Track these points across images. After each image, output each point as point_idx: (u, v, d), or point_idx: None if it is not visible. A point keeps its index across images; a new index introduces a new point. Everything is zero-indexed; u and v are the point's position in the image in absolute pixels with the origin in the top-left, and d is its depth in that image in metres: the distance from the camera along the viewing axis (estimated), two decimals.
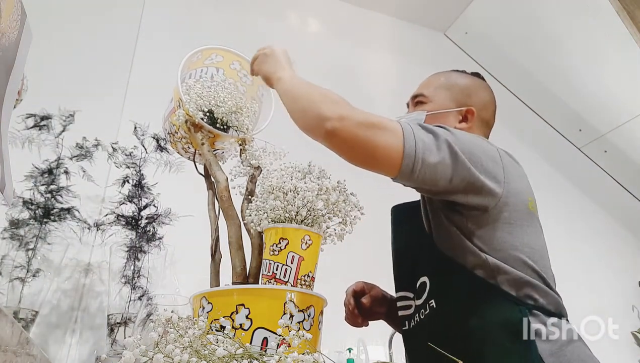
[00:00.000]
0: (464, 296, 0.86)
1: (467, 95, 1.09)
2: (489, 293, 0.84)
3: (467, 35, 3.10)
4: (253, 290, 0.89)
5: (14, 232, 1.38)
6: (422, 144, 0.82)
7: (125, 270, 1.49)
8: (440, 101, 1.08)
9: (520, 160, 1.01)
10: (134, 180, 1.62)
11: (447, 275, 0.89)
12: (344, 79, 2.60)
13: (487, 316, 0.82)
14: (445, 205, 0.91)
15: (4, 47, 0.73)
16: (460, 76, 1.13)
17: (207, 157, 1.09)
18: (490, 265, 0.84)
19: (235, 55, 1.30)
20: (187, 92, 1.12)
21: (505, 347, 0.79)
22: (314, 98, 0.87)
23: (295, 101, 0.92)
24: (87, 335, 1.56)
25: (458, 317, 0.86)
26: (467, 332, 0.83)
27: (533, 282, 0.84)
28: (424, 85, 1.13)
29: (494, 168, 0.88)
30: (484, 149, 0.91)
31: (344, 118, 0.81)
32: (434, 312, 0.89)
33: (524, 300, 0.83)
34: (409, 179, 0.84)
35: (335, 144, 0.83)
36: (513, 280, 0.84)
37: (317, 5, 2.89)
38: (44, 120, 1.54)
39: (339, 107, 0.83)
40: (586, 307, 1.54)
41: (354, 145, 0.81)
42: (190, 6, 2.45)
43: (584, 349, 0.83)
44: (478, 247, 0.86)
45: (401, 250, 1.05)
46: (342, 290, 1.13)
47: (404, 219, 1.06)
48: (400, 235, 1.06)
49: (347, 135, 0.81)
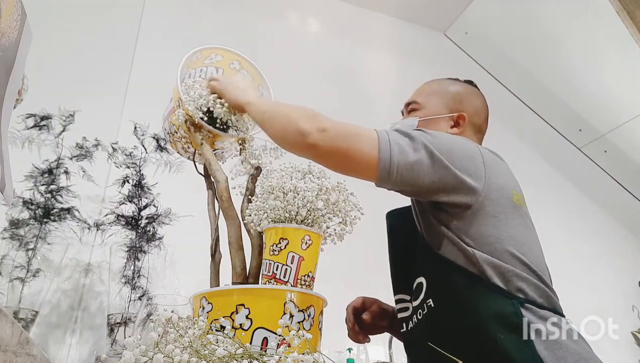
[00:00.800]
0: (458, 293, 0.86)
1: (459, 101, 1.11)
2: (481, 289, 0.84)
3: (467, 35, 3.10)
4: (253, 290, 0.89)
5: (14, 232, 1.38)
6: (397, 146, 0.86)
7: (125, 270, 1.49)
8: (433, 108, 1.10)
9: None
10: (134, 180, 1.62)
11: (441, 273, 0.90)
12: (344, 79, 2.60)
13: (482, 311, 0.83)
14: (431, 205, 0.93)
15: (4, 47, 0.73)
16: (452, 83, 1.16)
17: (207, 157, 1.09)
18: (479, 260, 0.85)
19: (234, 55, 1.29)
20: (187, 91, 1.12)
21: (500, 341, 0.79)
22: (291, 116, 0.91)
23: (273, 121, 0.97)
24: (87, 335, 1.56)
25: (454, 314, 0.86)
26: (463, 329, 0.84)
27: (522, 275, 0.85)
28: (417, 93, 1.17)
29: (473, 164, 0.90)
30: (461, 146, 0.93)
31: (323, 130, 0.86)
32: (431, 311, 0.89)
33: (515, 294, 0.83)
34: (387, 182, 0.87)
35: (318, 155, 0.88)
36: (502, 274, 0.84)
37: (317, 5, 2.89)
38: (44, 120, 1.54)
39: (317, 121, 0.88)
40: (586, 307, 1.54)
41: (334, 155, 0.87)
42: (190, 6, 2.45)
43: (582, 345, 0.83)
44: (466, 243, 0.87)
45: (397, 253, 1.06)
46: (342, 290, 1.13)
47: (398, 224, 1.07)
48: (396, 239, 1.07)
49: (328, 147, 0.86)
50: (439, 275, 0.90)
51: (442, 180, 0.87)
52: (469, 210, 0.88)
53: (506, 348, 0.78)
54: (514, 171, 1.00)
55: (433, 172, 0.86)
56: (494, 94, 1.12)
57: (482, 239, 0.87)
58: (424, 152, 0.86)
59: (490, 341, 0.80)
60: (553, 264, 0.93)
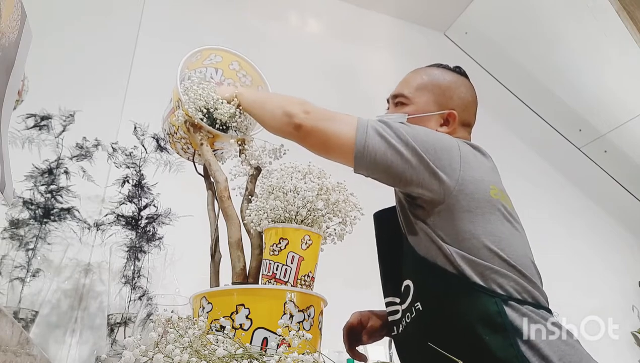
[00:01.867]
0: (442, 296, 0.86)
1: (449, 97, 1.08)
2: (463, 290, 0.84)
3: (467, 35, 3.10)
4: (253, 290, 0.89)
5: (14, 232, 1.38)
6: (373, 131, 0.89)
7: (125, 270, 1.49)
8: (421, 104, 1.08)
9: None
10: (134, 180, 1.62)
11: (425, 275, 0.90)
12: (344, 79, 2.60)
13: (466, 313, 0.82)
14: (408, 202, 0.94)
15: (4, 47, 0.73)
16: (442, 74, 1.12)
17: (207, 158, 1.09)
18: (456, 258, 0.85)
19: (234, 56, 1.29)
20: (186, 92, 1.12)
21: (486, 342, 0.79)
22: (280, 101, 1.00)
23: (264, 106, 1.06)
24: (87, 335, 1.56)
25: (440, 317, 0.86)
26: (450, 332, 0.83)
27: (500, 271, 0.84)
28: (404, 84, 1.13)
29: (448, 157, 0.90)
30: (437, 138, 0.93)
31: (307, 112, 0.94)
32: (419, 314, 0.89)
33: (496, 291, 0.83)
34: (362, 165, 0.90)
35: (302, 135, 0.94)
36: (479, 271, 0.84)
37: (317, 5, 2.89)
38: (44, 120, 1.54)
39: (303, 105, 0.95)
40: (586, 307, 1.54)
41: (315, 135, 0.93)
42: (190, 6, 2.45)
43: (569, 341, 0.82)
44: (443, 240, 0.87)
45: (385, 256, 1.05)
46: (342, 290, 1.13)
47: (385, 225, 1.06)
48: (383, 241, 1.06)
49: (310, 126, 0.93)
50: (423, 279, 0.90)
51: (415, 169, 0.87)
52: (444, 205, 0.88)
53: (491, 349, 0.78)
54: (513, 171, 1.00)
55: (406, 160, 0.87)
56: (494, 94, 1.12)
57: (458, 235, 0.87)
58: (399, 139, 0.88)
59: (477, 342, 0.79)
60: (553, 264, 0.93)
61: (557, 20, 2.69)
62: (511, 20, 2.88)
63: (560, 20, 2.68)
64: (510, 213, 0.94)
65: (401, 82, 1.14)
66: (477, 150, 0.98)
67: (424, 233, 0.89)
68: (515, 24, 2.88)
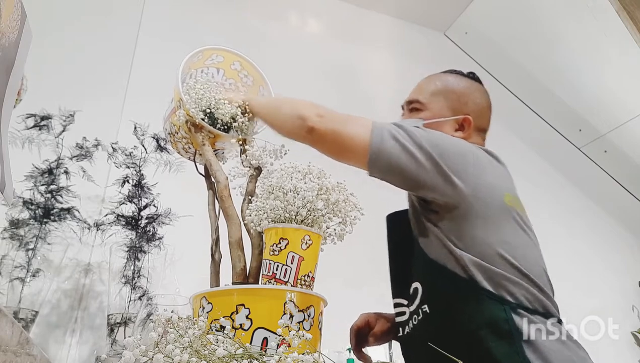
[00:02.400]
0: (451, 300, 0.86)
1: (464, 103, 1.07)
2: (472, 294, 0.83)
3: (467, 35, 3.10)
4: (253, 290, 0.89)
5: (14, 232, 1.38)
6: (388, 135, 0.88)
7: (125, 270, 1.49)
8: (436, 110, 1.07)
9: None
10: (134, 180, 1.62)
11: (434, 278, 0.90)
12: (344, 79, 2.60)
13: (474, 318, 0.82)
14: (422, 205, 0.93)
15: (4, 47, 0.73)
16: (456, 80, 1.11)
17: (208, 157, 1.09)
18: (467, 263, 0.84)
19: (236, 56, 1.29)
20: (188, 92, 1.12)
21: (492, 348, 0.78)
22: (293, 105, 0.99)
23: (277, 111, 1.05)
24: (87, 335, 1.56)
25: (447, 321, 0.86)
26: (457, 335, 0.83)
27: (512, 279, 0.84)
28: (418, 90, 1.12)
29: (463, 161, 0.90)
30: (452, 143, 0.93)
31: (321, 115, 0.92)
32: (426, 317, 0.89)
33: (506, 298, 0.82)
34: (375, 168, 0.89)
35: (315, 138, 0.92)
36: (490, 277, 0.83)
37: (317, 5, 2.89)
38: (44, 120, 1.54)
39: (316, 108, 0.94)
40: (586, 307, 1.54)
41: (329, 138, 0.91)
42: (190, 6, 2.45)
43: (576, 350, 0.82)
44: (455, 244, 0.86)
45: (396, 257, 1.05)
46: (342, 290, 1.13)
47: (397, 227, 1.06)
48: (395, 242, 1.06)
49: (324, 129, 0.91)
50: (432, 281, 0.90)
51: (429, 173, 0.87)
52: (457, 210, 0.88)
53: (497, 355, 0.78)
54: (513, 171, 0.99)
55: (421, 164, 0.87)
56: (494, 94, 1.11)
57: (470, 241, 0.86)
58: (414, 143, 0.88)
59: (482, 348, 0.79)
60: (553, 264, 0.92)
61: (557, 20, 2.69)
62: (511, 20, 2.88)
63: (560, 20, 2.68)
64: (525, 222, 0.93)
65: (415, 88, 1.14)
66: (492, 157, 0.97)
67: (436, 237, 0.89)
68: (515, 24, 2.88)
